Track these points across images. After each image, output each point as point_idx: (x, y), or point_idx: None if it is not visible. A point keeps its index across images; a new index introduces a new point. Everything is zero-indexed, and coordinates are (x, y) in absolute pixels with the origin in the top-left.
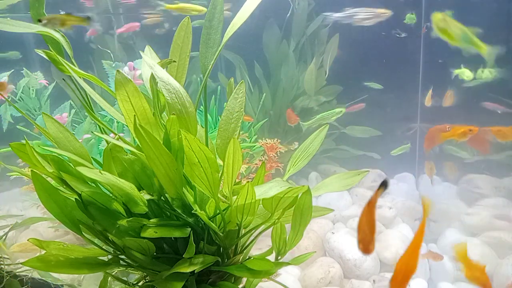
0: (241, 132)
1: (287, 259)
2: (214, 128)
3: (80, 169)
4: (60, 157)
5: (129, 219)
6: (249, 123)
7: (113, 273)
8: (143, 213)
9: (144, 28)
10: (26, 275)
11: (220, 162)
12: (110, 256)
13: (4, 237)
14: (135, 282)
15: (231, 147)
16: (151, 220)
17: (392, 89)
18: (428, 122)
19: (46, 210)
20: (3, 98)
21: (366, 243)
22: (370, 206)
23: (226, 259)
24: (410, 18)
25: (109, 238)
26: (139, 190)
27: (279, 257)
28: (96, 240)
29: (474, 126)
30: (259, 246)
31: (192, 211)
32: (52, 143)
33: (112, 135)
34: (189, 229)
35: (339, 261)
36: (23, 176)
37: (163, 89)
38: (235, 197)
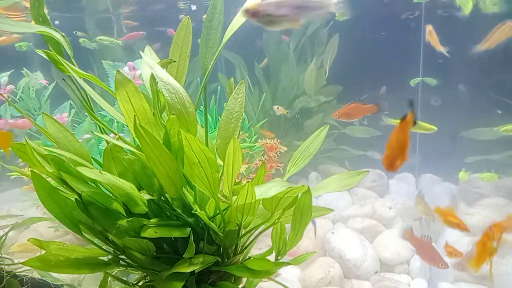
0: (241, 132)
1: (287, 259)
2: (214, 128)
3: (80, 169)
4: (60, 157)
5: (129, 219)
6: (249, 122)
7: (113, 273)
8: (143, 213)
9: (144, 28)
10: (26, 275)
11: (220, 162)
12: (110, 256)
13: (4, 237)
14: (135, 282)
15: (231, 147)
16: (151, 220)
17: (392, 89)
18: (428, 121)
19: (46, 210)
20: (3, 98)
21: (391, 158)
22: (404, 125)
23: (226, 259)
24: None
25: (109, 238)
26: (139, 190)
27: (279, 257)
28: (96, 240)
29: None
30: (259, 246)
31: (192, 211)
32: (52, 143)
33: (112, 135)
34: (189, 229)
35: (339, 261)
36: (23, 176)
37: (163, 89)
38: (235, 197)
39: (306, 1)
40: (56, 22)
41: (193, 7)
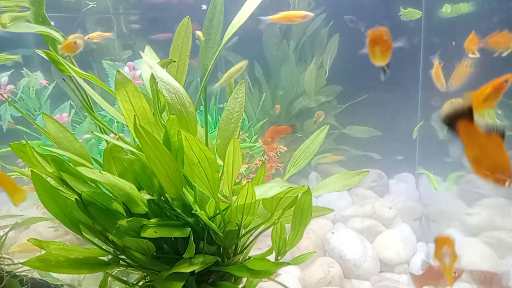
0: (241, 132)
1: (287, 259)
2: (214, 128)
3: (80, 169)
4: (60, 157)
5: (129, 219)
6: (249, 122)
7: (113, 273)
8: (143, 213)
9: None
10: (26, 275)
11: (220, 162)
12: (110, 256)
13: (4, 237)
14: (135, 282)
15: (231, 147)
16: (151, 220)
17: (392, 89)
18: (428, 122)
19: (46, 210)
20: (3, 98)
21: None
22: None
23: (226, 259)
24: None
25: (109, 238)
26: (139, 190)
27: (279, 257)
28: (96, 240)
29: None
30: (259, 246)
31: (192, 211)
32: (52, 143)
33: (112, 135)
34: (189, 229)
35: (339, 261)
36: (23, 176)
37: (163, 89)
38: (235, 197)
39: None
40: (52, 23)
41: (203, 7)
